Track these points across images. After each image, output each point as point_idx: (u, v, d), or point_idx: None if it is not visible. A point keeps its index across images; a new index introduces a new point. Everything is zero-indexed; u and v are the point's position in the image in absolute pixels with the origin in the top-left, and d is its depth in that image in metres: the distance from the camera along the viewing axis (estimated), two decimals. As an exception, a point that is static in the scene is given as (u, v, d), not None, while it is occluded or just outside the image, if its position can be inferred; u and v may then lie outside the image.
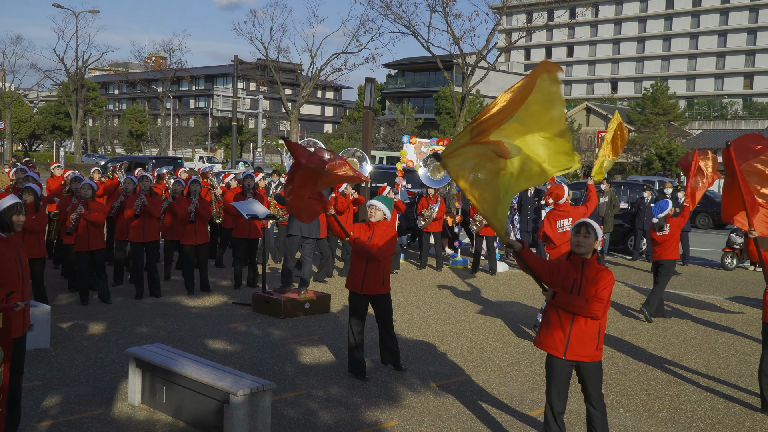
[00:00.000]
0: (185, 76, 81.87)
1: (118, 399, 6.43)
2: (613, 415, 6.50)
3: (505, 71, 78.45)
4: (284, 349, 8.21)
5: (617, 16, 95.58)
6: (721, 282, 14.44)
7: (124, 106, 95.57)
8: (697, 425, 6.38)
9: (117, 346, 8.04)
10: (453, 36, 39.85)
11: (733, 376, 7.89)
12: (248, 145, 73.24)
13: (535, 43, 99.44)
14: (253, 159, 46.72)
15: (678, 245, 10.69)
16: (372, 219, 7.19)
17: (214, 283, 11.84)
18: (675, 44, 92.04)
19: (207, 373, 5.72)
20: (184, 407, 5.89)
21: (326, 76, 47.41)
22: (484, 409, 6.51)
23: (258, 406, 5.50)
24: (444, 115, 61.02)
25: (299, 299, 9.86)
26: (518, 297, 12.03)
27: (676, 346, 9.11)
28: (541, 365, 7.99)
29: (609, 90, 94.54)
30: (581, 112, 69.20)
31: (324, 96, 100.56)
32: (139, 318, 9.43)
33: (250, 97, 71.94)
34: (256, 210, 10.64)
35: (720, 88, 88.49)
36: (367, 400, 6.64)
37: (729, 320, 10.84)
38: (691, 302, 12.12)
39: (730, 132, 66.10)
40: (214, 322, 9.39)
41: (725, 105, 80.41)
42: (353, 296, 7.27)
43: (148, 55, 76.25)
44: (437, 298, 11.55)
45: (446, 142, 15.55)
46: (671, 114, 62.63)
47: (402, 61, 79.38)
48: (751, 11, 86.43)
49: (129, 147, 78.20)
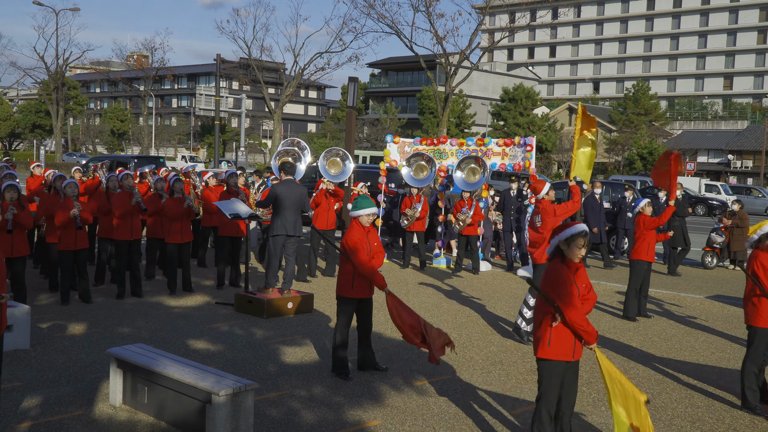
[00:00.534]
0: (167, 75, 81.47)
1: (99, 400, 6.39)
2: (595, 413, 6.54)
3: (488, 71, 78.66)
4: (267, 349, 8.18)
5: (599, 16, 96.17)
6: (701, 281, 14.57)
7: (106, 105, 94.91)
8: (678, 422, 6.43)
9: (98, 346, 7.98)
10: (436, 36, 39.92)
11: (713, 374, 7.97)
12: (231, 145, 72.90)
13: (518, 43, 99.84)
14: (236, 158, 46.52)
15: (649, 246, 10.51)
16: (366, 225, 7.23)
17: (197, 282, 11.78)
18: (656, 45, 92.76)
19: (189, 373, 5.69)
20: (166, 407, 5.86)
21: (309, 75, 47.34)
22: (467, 408, 6.53)
23: (240, 406, 5.48)
24: (427, 114, 61.10)
25: (282, 299, 9.83)
26: (501, 296, 12.07)
27: (657, 345, 9.18)
28: (524, 364, 8.02)
29: (591, 90, 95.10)
30: (563, 112, 69.55)
31: (307, 95, 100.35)
32: (120, 318, 9.37)
33: (233, 96, 71.49)
34: (239, 209, 10.61)
35: (700, 88, 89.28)
36: (350, 399, 6.64)
37: (709, 319, 10.94)
38: (672, 301, 12.21)
39: (710, 132, 66.75)
40: (197, 322, 9.35)
41: (705, 105, 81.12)
42: (352, 303, 7.28)
43: (130, 53, 75.88)
44: (420, 298, 11.56)
45: (429, 142, 15.57)
46: (652, 114, 63.13)
47: (385, 61, 79.39)
48: (731, 12, 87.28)
49: (110, 146, 77.64)
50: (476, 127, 65.87)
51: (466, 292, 12.31)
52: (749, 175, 60.88)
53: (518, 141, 14.46)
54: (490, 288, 12.81)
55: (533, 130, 56.80)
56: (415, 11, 39.57)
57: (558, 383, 5.23)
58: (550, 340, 5.15)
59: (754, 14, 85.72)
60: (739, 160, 62.61)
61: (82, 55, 62.15)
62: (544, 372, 5.23)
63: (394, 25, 40.38)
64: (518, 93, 60.63)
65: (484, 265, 14.74)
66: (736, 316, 11.08)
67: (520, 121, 59.25)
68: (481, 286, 12.91)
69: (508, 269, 14.97)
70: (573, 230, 5.19)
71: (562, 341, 5.14)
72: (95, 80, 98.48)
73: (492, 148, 14.69)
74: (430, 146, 15.42)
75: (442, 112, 40.86)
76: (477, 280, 13.55)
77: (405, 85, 77.03)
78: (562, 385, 5.26)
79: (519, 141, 14.44)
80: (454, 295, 11.98)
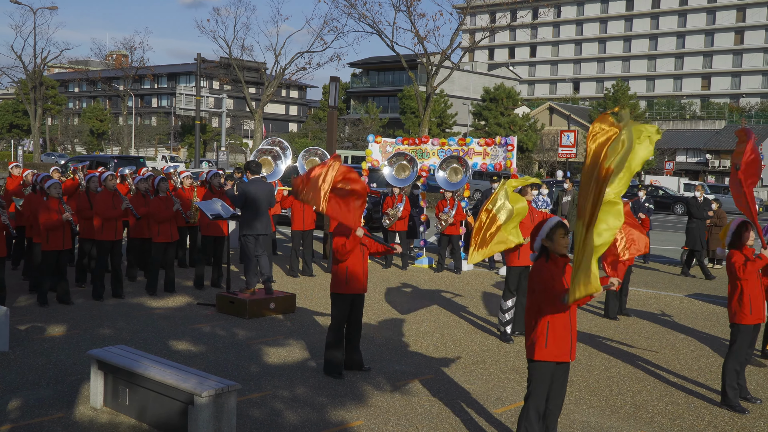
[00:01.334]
0: (147, 75, 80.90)
1: (79, 402, 6.33)
2: (577, 411, 6.59)
3: (469, 71, 78.87)
4: (249, 350, 8.16)
5: (579, 17, 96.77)
6: (681, 279, 14.71)
7: (85, 105, 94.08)
8: (659, 420, 6.49)
9: (78, 348, 7.91)
10: (417, 35, 39.97)
11: (693, 372, 8.05)
12: (212, 144, 72.57)
13: (499, 43, 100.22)
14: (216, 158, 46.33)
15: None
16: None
17: (178, 283, 11.71)
18: (635, 45, 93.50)
19: (171, 375, 5.66)
20: (148, 409, 5.82)
21: (290, 75, 47.21)
22: (449, 408, 6.54)
23: (223, 407, 5.46)
24: (409, 114, 61.19)
25: (264, 299, 9.80)
26: (483, 296, 12.11)
27: (638, 343, 9.25)
28: (506, 362, 8.06)
29: (571, 90, 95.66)
30: (544, 112, 69.94)
31: (288, 95, 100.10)
32: (101, 319, 9.30)
33: (214, 96, 71.18)
34: (220, 210, 10.56)
35: (679, 88, 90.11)
36: (333, 399, 6.63)
37: (689, 317, 11.05)
38: (652, 299, 12.32)
39: (689, 132, 67.40)
40: (178, 323, 9.29)
41: (684, 105, 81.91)
42: (347, 298, 7.27)
43: (109, 52, 75.23)
44: (402, 297, 11.57)
45: (411, 142, 15.58)
46: (632, 114, 63.64)
47: (367, 61, 79.38)
48: (709, 13, 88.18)
49: (90, 146, 76.99)
50: (457, 127, 66.06)
51: (448, 291, 12.34)
52: (727, 175, 61.51)
53: (499, 141, 14.53)
54: (472, 287, 12.85)
55: (514, 130, 57.07)
56: (396, 11, 39.59)
57: (548, 383, 5.25)
58: (547, 342, 5.13)
59: (731, 15, 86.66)
60: (717, 159, 63.32)
61: (61, 54, 61.20)
62: (536, 372, 5.22)
63: (375, 25, 40.39)
64: (499, 93, 60.86)
65: (466, 265, 14.79)
66: (715, 314, 11.20)
67: (501, 120, 59.48)
68: (463, 286, 12.95)
69: (490, 268, 15.03)
70: (550, 224, 5.24)
71: (560, 343, 5.14)
72: (74, 79, 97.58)
73: (473, 148, 14.75)
74: (411, 146, 15.44)
75: (424, 112, 40.93)
76: (459, 280, 13.59)
77: (386, 84, 77.08)
78: (552, 385, 5.28)
79: (500, 141, 14.52)
80: (436, 294, 12.01)
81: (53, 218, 9.54)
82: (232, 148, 70.12)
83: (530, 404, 5.26)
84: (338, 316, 7.30)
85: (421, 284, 12.89)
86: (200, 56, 41.79)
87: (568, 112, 67.66)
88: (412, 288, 12.48)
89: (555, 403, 5.34)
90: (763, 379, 7.79)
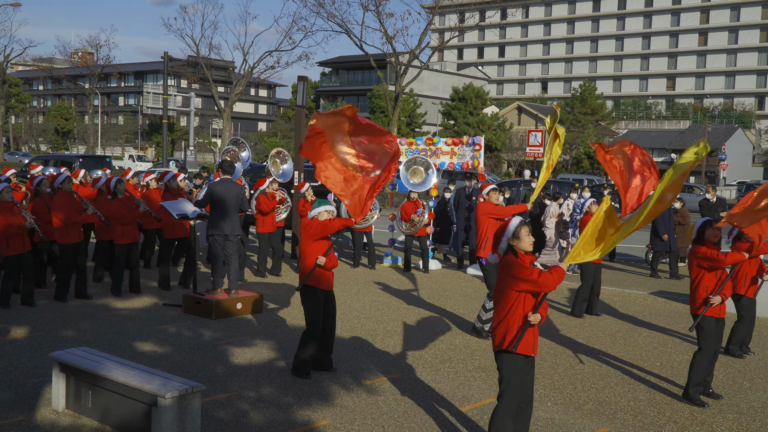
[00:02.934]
0: (113, 73, 79.87)
1: (41, 405, 6.25)
2: (541, 408, 6.66)
3: (438, 70, 79.14)
4: (216, 351, 8.11)
5: (547, 17, 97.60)
6: (644, 278, 14.92)
7: (50, 103, 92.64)
8: (621, 416, 6.58)
9: (40, 350, 7.80)
10: (386, 35, 40.01)
11: (655, 368, 8.18)
12: (180, 144, 71.90)
13: (468, 43, 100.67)
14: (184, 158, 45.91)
15: None
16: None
17: (144, 284, 11.59)
18: (602, 46, 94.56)
19: (134, 376, 5.61)
20: (111, 411, 5.76)
21: (259, 73, 47.01)
22: (416, 406, 6.57)
23: (187, 408, 5.42)
24: (378, 113, 61.18)
25: (231, 299, 9.75)
26: (451, 295, 12.18)
27: (602, 340, 9.37)
28: (473, 361, 8.12)
29: (540, 90, 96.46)
30: (513, 112, 70.43)
31: (257, 94, 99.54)
32: (64, 321, 9.17)
33: (182, 95, 70.51)
34: (186, 209, 10.48)
35: (645, 89, 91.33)
36: (299, 399, 6.63)
37: (652, 314, 11.21)
38: (617, 297, 12.48)
39: (654, 132, 68.40)
40: (144, 324, 9.21)
41: (649, 105, 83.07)
42: (320, 293, 7.23)
43: (74, 50, 74.07)
44: (370, 297, 11.59)
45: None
46: (599, 114, 64.42)
47: (336, 60, 79.24)
48: (673, 15, 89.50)
49: (54, 145, 75.77)
50: (427, 127, 66.24)
51: (416, 291, 12.38)
52: (691, 174, 62.56)
53: (467, 140, 14.60)
54: (440, 287, 12.91)
55: (483, 129, 57.37)
56: (365, 10, 39.63)
57: (520, 379, 5.30)
58: (516, 335, 5.20)
59: (695, 17, 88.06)
60: (682, 159, 64.24)
61: (24, 51, 60.24)
62: (507, 368, 5.27)
63: (344, 24, 40.39)
64: (468, 92, 61.15)
65: (434, 264, 14.84)
66: (678, 312, 11.39)
67: (470, 120, 59.77)
68: (431, 285, 13.00)
69: (458, 267, 15.10)
70: (513, 225, 5.33)
71: (525, 336, 5.20)
72: (38, 77, 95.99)
73: (441, 148, 14.80)
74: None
75: (393, 112, 40.99)
76: (427, 279, 13.64)
77: (356, 84, 77.04)
78: (522, 381, 5.33)
79: (467, 140, 14.59)
80: (405, 294, 12.04)
81: (8, 223, 9.37)
82: (200, 147, 69.50)
83: (504, 401, 5.28)
84: (312, 310, 7.22)
85: (390, 283, 12.92)
86: (167, 54, 41.36)
87: (537, 112, 68.22)
88: (380, 287, 12.50)
89: (524, 400, 5.39)
90: (723, 375, 7.94)
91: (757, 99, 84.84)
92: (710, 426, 6.43)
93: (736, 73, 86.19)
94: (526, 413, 5.45)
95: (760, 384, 7.72)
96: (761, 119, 79.05)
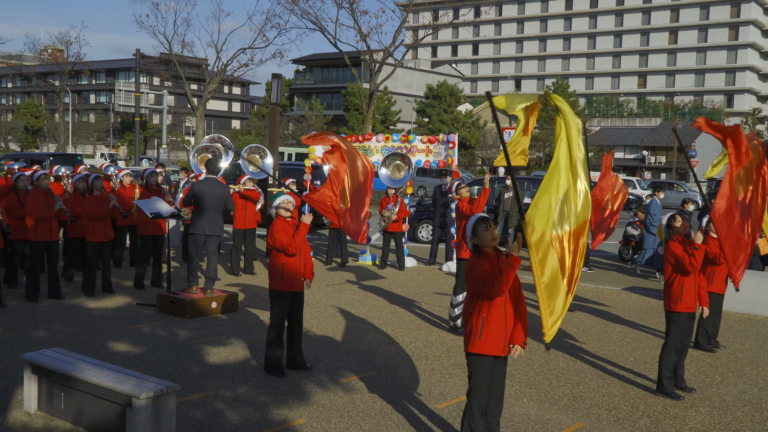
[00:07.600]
0: (84, 70, 78.78)
1: (12, 407, 6.16)
2: (517, 404, 6.69)
3: (413, 68, 79.23)
4: (191, 350, 8.05)
5: (520, 15, 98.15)
6: (618, 273, 15.07)
7: (19, 101, 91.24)
8: (595, 411, 6.64)
9: (11, 351, 7.69)
10: (360, 32, 39.97)
11: (629, 363, 8.26)
12: (153, 142, 71.23)
13: (442, 41, 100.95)
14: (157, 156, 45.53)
15: None
16: (287, 216, 7.20)
17: (117, 283, 11.48)
18: (574, 44, 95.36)
19: (108, 377, 5.55)
20: (84, 413, 5.69)
21: (232, 71, 46.72)
22: (392, 404, 6.58)
23: (162, 408, 5.38)
24: (353, 111, 61.13)
25: (206, 298, 9.68)
26: (426, 292, 12.20)
27: (576, 336, 9.45)
28: (449, 358, 8.14)
29: (513, 87, 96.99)
30: (487, 109, 70.70)
31: (231, 91, 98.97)
32: (35, 322, 9.04)
33: (154, 92, 69.85)
34: (160, 208, 10.39)
35: (616, 86, 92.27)
36: (276, 398, 6.60)
37: (625, 310, 11.33)
38: (590, 293, 12.59)
39: (626, 129, 69.12)
40: (117, 324, 9.11)
41: (621, 103, 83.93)
42: (285, 295, 7.21)
43: (44, 47, 73.04)
44: (346, 294, 11.57)
45: (354, 139, 15.56)
46: (574, 109, 64.85)
47: (310, 57, 79.00)
48: (644, 13, 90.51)
49: (24, 143, 74.63)
50: (401, 124, 66.29)
51: (391, 288, 12.39)
52: (662, 171, 63.37)
53: (442, 138, 14.65)
54: (416, 284, 12.93)
55: (457, 127, 57.55)
56: (339, 8, 39.54)
57: (488, 377, 5.30)
58: (480, 335, 5.19)
59: (665, 15, 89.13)
60: (653, 155, 65.08)
61: (-8, 48, 59.40)
62: (474, 367, 5.27)
63: (318, 22, 40.29)
64: (442, 90, 61.28)
65: (410, 261, 14.86)
66: (650, 307, 11.52)
67: (445, 118, 59.91)
68: (406, 282, 13.02)
69: (431, 263, 15.13)
70: (471, 222, 5.34)
71: (493, 336, 5.19)
72: (6, 75, 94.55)
73: (416, 146, 14.83)
74: (355, 143, 15.42)
75: (367, 109, 40.98)
76: (402, 276, 13.65)
77: (330, 81, 76.88)
78: (491, 380, 5.34)
79: (442, 138, 14.64)
80: (380, 291, 12.04)
81: None
82: (173, 145, 68.94)
83: (472, 399, 5.30)
84: (277, 313, 7.25)
85: (365, 281, 12.91)
86: (139, 52, 40.95)
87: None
88: (355, 285, 12.49)
89: (494, 397, 5.40)
90: (695, 369, 8.04)
91: (726, 97, 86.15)
92: (683, 419, 6.51)
93: (706, 71, 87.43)
94: (497, 411, 5.46)
95: (731, 378, 7.84)
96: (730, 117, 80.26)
